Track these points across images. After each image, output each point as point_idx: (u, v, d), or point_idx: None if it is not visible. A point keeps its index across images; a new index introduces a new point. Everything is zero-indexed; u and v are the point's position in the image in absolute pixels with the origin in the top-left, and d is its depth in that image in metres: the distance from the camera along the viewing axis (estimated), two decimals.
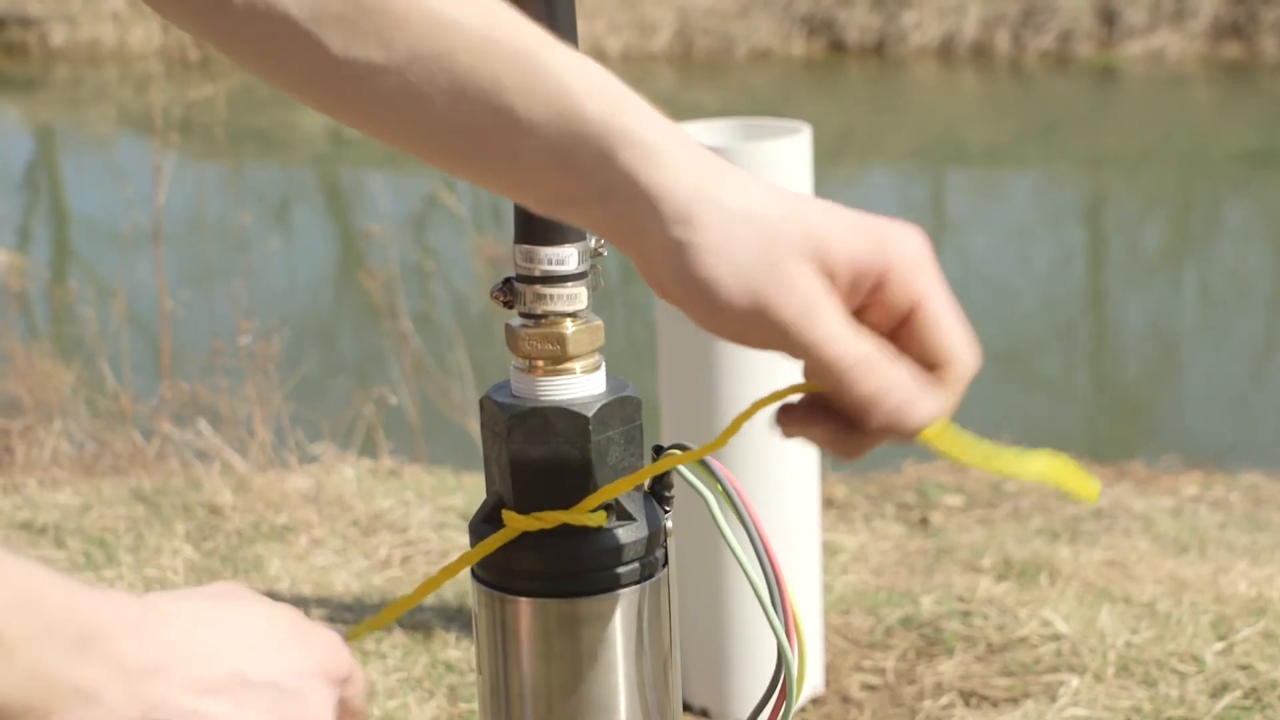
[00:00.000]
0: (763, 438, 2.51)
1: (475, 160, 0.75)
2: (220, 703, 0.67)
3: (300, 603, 2.94)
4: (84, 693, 0.63)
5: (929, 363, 0.74)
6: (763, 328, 0.71)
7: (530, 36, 0.74)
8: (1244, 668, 2.64)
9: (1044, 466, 0.73)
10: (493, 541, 0.81)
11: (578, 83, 0.73)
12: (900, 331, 0.74)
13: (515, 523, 0.81)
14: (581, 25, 0.81)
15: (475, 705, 2.43)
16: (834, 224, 0.73)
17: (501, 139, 0.73)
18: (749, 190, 0.72)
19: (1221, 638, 2.74)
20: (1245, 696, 2.55)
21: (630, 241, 0.73)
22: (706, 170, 0.72)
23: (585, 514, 0.80)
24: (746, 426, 0.77)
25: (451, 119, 0.74)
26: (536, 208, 0.76)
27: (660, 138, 0.73)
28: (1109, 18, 12.84)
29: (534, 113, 0.72)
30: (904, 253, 0.74)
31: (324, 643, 0.73)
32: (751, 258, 0.70)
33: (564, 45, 0.75)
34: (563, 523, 0.80)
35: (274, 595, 2.06)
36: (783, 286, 0.70)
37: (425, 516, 3.47)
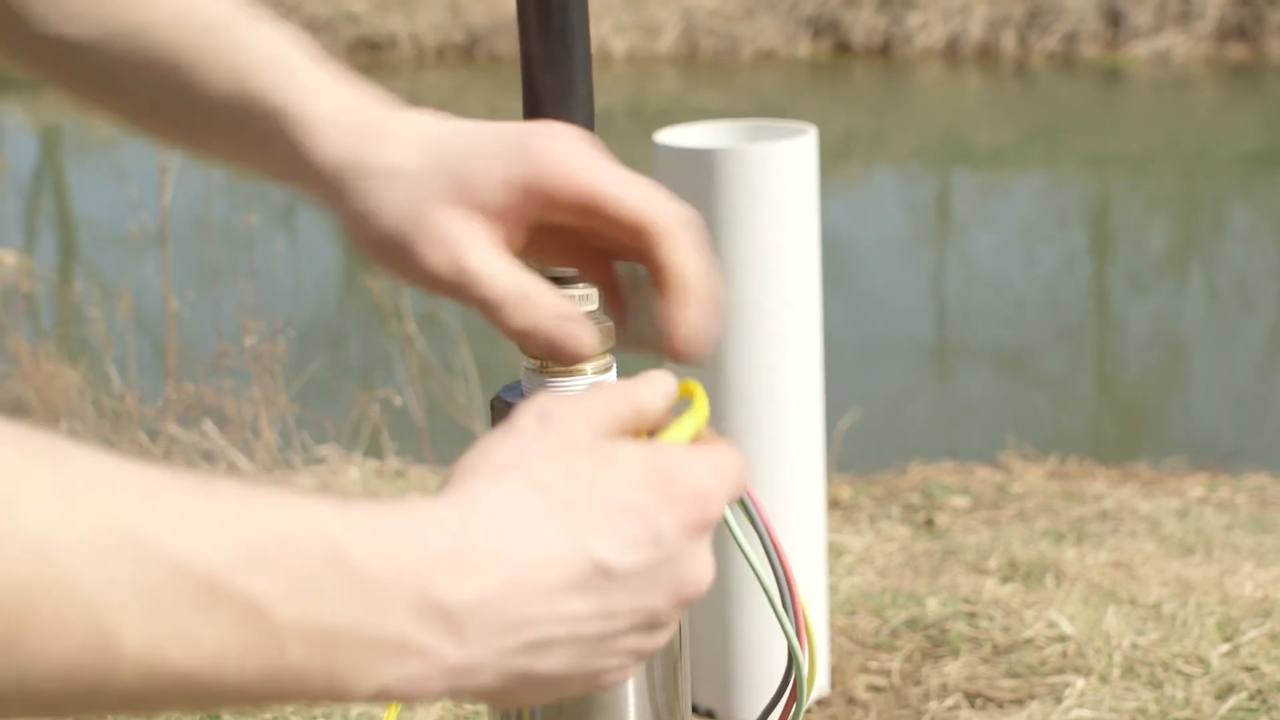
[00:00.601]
0: (766, 438, 2.49)
1: (171, 130, 0.78)
2: (579, 601, 0.56)
3: None
4: (390, 646, 0.52)
5: (639, 239, 0.73)
6: (428, 280, 0.72)
7: (225, 8, 0.76)
8: (1250, 669, 2.64)
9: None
10: None
11: (255, 56, 0.74)
12: (595, 225, 0.73)
13: None
14: None
15: (482, 706, 2.43)
16: (476, 155, 0.72)
17: (189, 110, 0.75)
18: (395, 147, 0.73)
19: (1227, 639, 2.74)
20: (1251, 698, 2.55)
21: (323, 210, 0.75)
22: (358, 136, 0.73)
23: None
24: (747, 427, 0.77)
25: (148, 91, 0.76)
26: (237, 172, 0.78)
27: (317, 109, 0.74)
28: (1114, 19, 12.84)
29: (213, 86, 0.74)
30: (551, 153, 0.71)
31: (686, 480, 0.60)
32: (396, 218, 0.71)
33: (266, 17, 0.76)
34: None
35: None
36: (428, 240, 0.71)
37: None
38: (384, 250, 0.72)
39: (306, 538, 0.52)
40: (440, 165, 0.72)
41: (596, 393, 0.64)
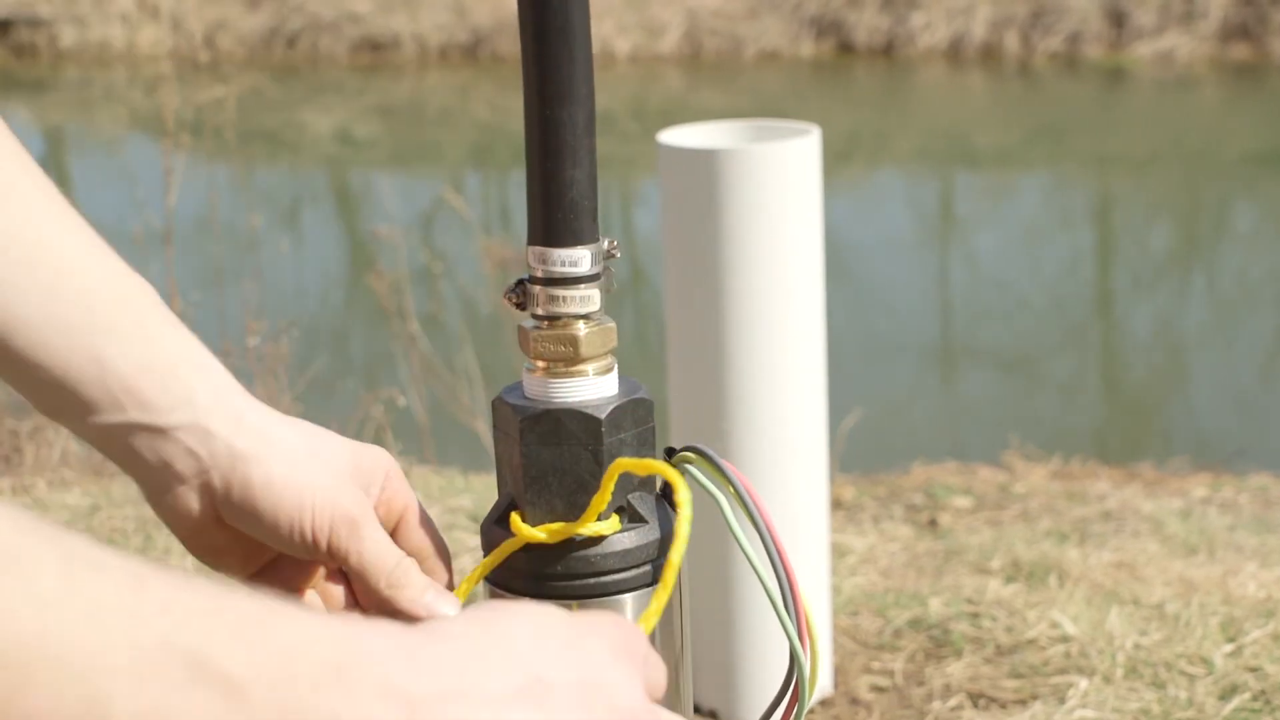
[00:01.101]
0: (769, 438, 2.49)
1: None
2: (526, 711, 0.60)
3: None
4: None
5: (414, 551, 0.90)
6: (307, 549, 0.85)
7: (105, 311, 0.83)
8: (1253, 670, 2.63)
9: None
10: (505, 548, 0.82)
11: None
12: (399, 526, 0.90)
13: (524, 534, 0.81)
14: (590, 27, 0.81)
15: None
16: (354, 465, 0.87)
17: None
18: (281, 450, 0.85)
19: (1230, 640, 2.74)
20: (1254, 698, 2.55)
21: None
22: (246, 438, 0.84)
23: (593, 524, 0.80)
24: (750, 428, 0.77)
25: None
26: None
27: (213, 420, 0.84)
28: (1118, 19, 12.83)
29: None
30: (390, 464, 0.89)
31: (611, 624, 0.67)
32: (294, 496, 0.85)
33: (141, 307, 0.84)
34: (572, 534, 0.80)
35: None
36: (322, 517, 0.84)
37: (433, 517, 3.47)
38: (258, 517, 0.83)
39: (288, 623, 0.56)
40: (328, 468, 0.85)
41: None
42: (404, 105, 12.91)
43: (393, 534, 0.89)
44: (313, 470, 0.84)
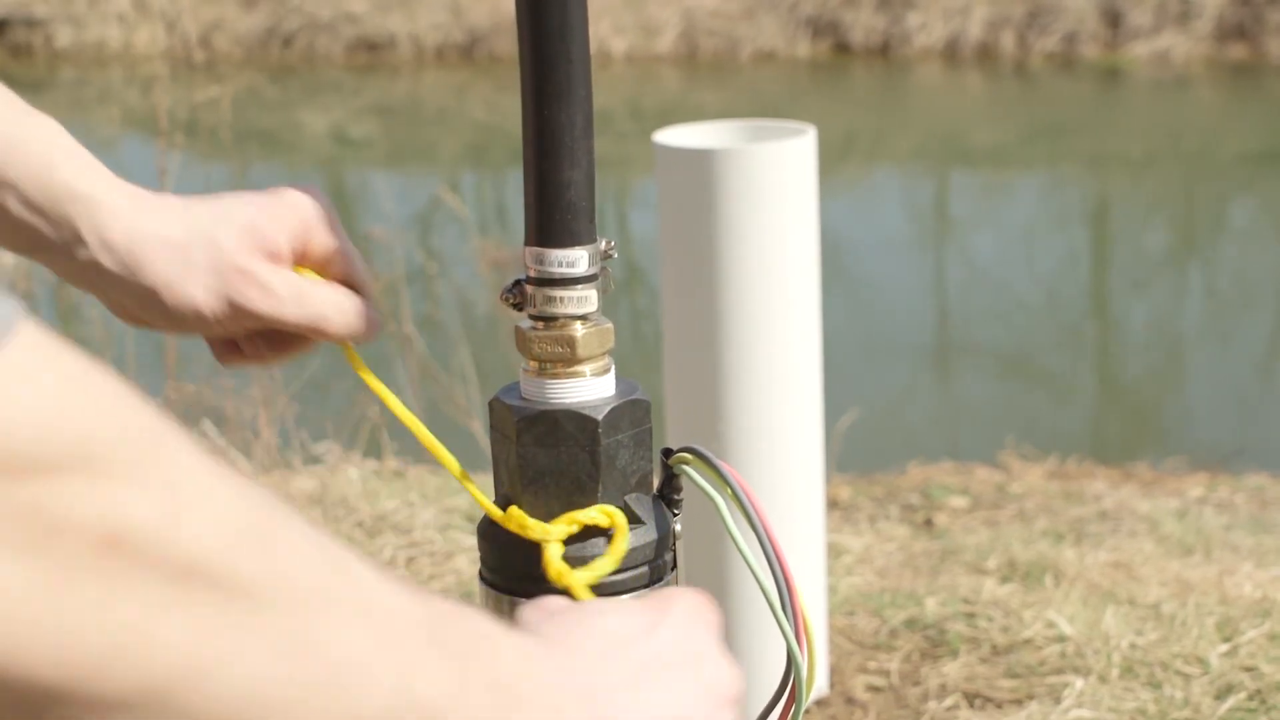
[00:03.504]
0: (765, 438, 2.49)
1: None
2: (655, 692, 0.65)
3: None
4: (550, 707, 0.60)
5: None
6: (236, 317, 0.92)
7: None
8: (1249, 669, 2.64)
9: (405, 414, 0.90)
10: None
11: (56, 151, 0.92)
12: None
13: (522, 529, 0.81)
14: None
15: None
16: (257, 216, 0.91)
17: None
18: (168, 217, 0.91)
19: (1226, 639, 2.74)
20: (1250, 698, 2.55)
21: (93, 284, 0.91)
22: (136, 210, 0.91)
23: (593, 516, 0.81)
24: (746, 428, 0.78)
25: None
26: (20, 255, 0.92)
27: (103, 194, 0.91)
28: (1114, 19, 12.84)
29: (19, 178, 0.90)
30: (309, 215, 0.93)
31: (686, 598, 0.72)
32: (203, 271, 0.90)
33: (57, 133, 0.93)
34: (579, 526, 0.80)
35: None
36: (248, 282, 0.91)
37: (430, 518, 3.47)
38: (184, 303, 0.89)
39: (476, 615, 0.61)
40: (208, 230, 0.91)
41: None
42: (400, 105, 12.91)
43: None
44: (187, 264, 0.89)
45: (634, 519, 0.82)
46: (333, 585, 0.52)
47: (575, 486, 0.80)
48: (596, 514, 0.80)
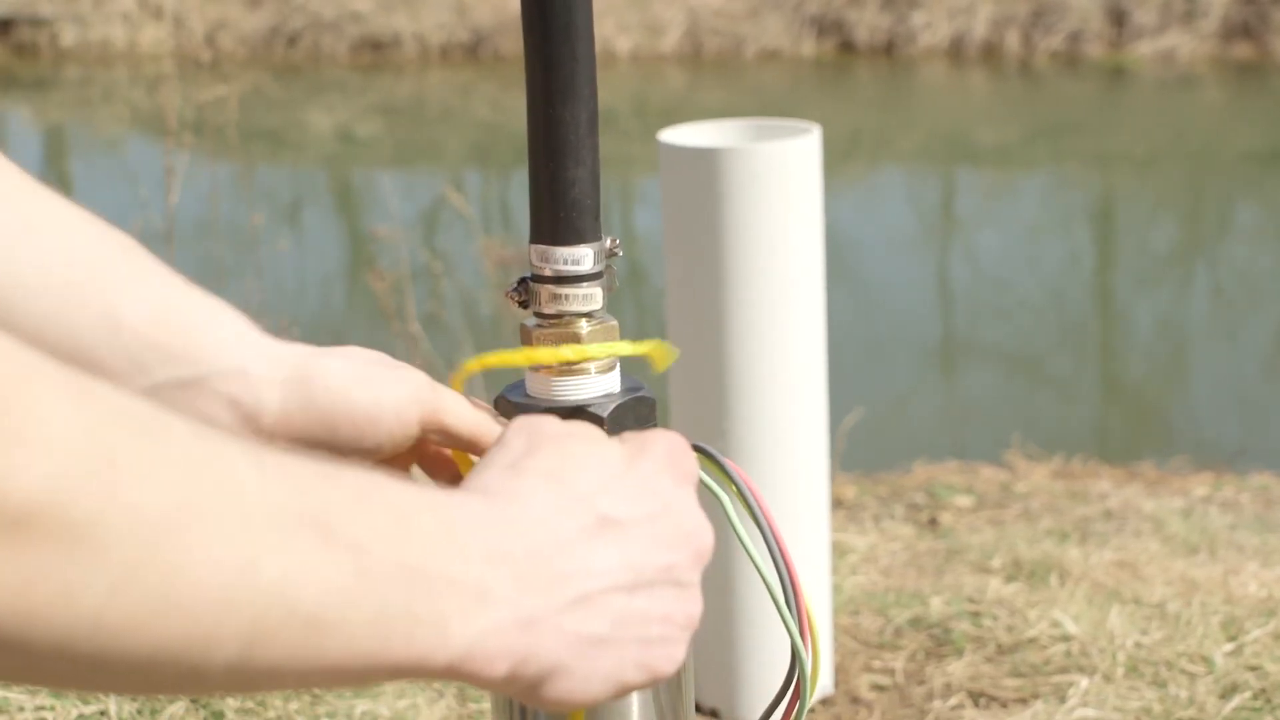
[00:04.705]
0: (770, 437, 2.49)
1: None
2: (608, 550, 0.64)
3: None
4: (468, 590, 0.58)
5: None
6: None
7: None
8: (1254, 669, 2.64)
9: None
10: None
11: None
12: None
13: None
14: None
15: (486, 705, 2.43)
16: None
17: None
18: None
19: (1231, 639, 2.74)
20: (1255, 698, 2.55)
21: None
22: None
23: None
24: (750, 426, 0.79)
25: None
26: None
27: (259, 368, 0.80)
28: (1119, 18, 12.82)
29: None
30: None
31: (663, 445, 0.70)
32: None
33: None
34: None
35: None
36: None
37: None
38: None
39: (394, 490, 0.58)
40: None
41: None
42: (405, 104, 12.91)
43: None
44: (374, 376, 0.81)
45: None
46: (190, 502, 0.50)
47: None
48: None
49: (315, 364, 0.79)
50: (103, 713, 2.31)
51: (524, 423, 0.69)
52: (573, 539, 0.63)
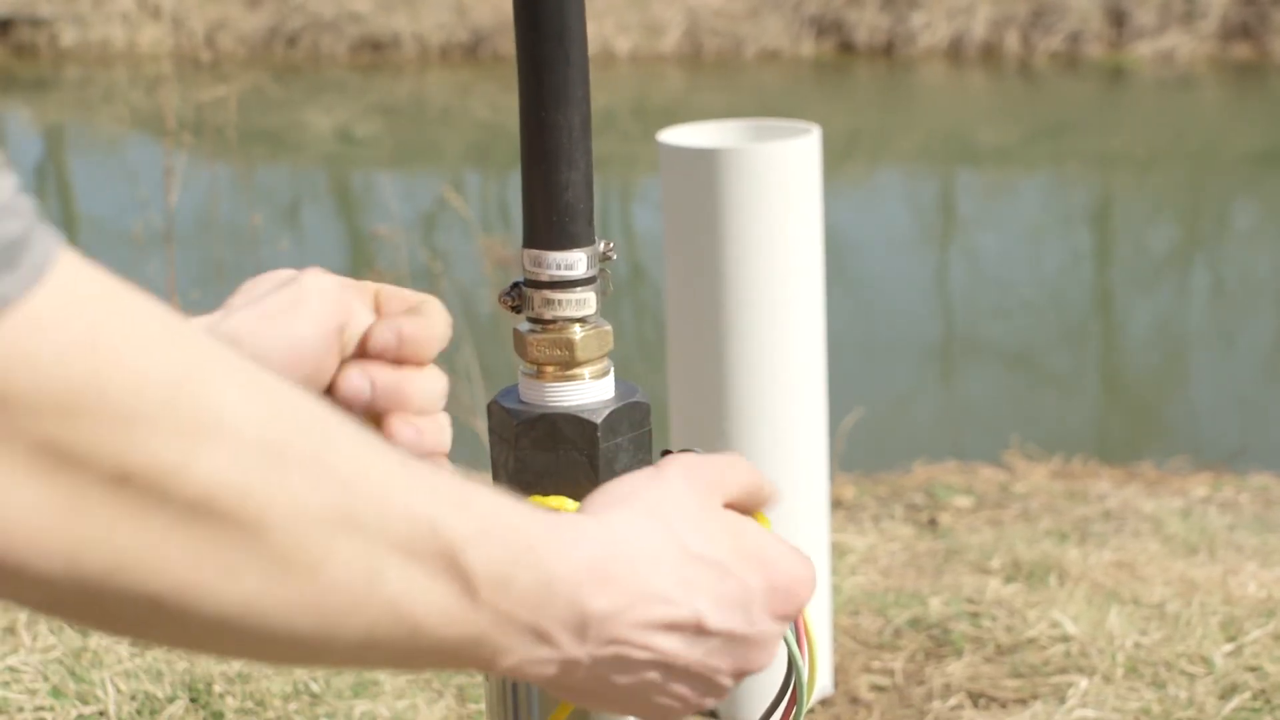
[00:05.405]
0: (770, 438, 2.48)
1: None
2: (672, 641, 0.66)
3: None
4: (539, 635, 0.62)
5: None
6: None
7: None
8: (1253, 669, 2.63)
9: None
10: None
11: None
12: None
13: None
14: (590, 26, 0.81)
15: (483, 706, 2.43)
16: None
17: None
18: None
19: (1231, 639, 2.73)
20: (1254, 698, 2.55)
21: None
22: None
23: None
24: (750, 427, 0.78)
25: None
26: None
27: None
28: (1118, 19, 12.82)
29: None
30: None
31: (788, 574, 0.71)
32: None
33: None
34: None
35: None
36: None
37: None
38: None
39: (520, 520, 0.62)
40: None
41: (735, 464, 0.76)
42: (405, 104, 12.91)
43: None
44: (277, 323, 0.86)
45: None
46: (342, 506, 0.54)
47: (574, 490, 0.80)
48: None
49: (220, 328, 0.83)
50: (102, 713, 2.31)
51: (691, 465, 0.73)
52: (653, 622, 0.66)
